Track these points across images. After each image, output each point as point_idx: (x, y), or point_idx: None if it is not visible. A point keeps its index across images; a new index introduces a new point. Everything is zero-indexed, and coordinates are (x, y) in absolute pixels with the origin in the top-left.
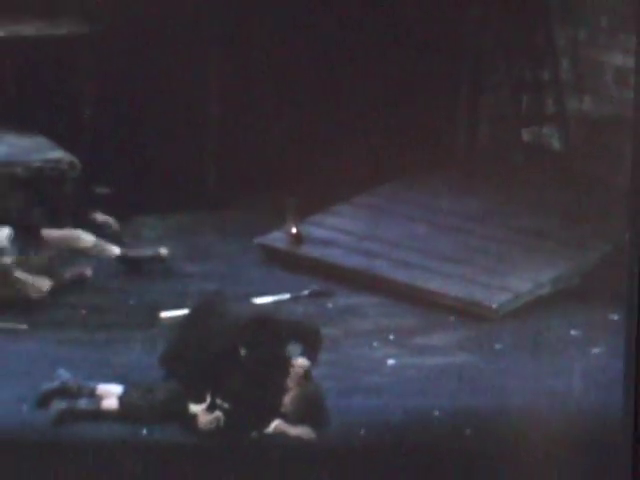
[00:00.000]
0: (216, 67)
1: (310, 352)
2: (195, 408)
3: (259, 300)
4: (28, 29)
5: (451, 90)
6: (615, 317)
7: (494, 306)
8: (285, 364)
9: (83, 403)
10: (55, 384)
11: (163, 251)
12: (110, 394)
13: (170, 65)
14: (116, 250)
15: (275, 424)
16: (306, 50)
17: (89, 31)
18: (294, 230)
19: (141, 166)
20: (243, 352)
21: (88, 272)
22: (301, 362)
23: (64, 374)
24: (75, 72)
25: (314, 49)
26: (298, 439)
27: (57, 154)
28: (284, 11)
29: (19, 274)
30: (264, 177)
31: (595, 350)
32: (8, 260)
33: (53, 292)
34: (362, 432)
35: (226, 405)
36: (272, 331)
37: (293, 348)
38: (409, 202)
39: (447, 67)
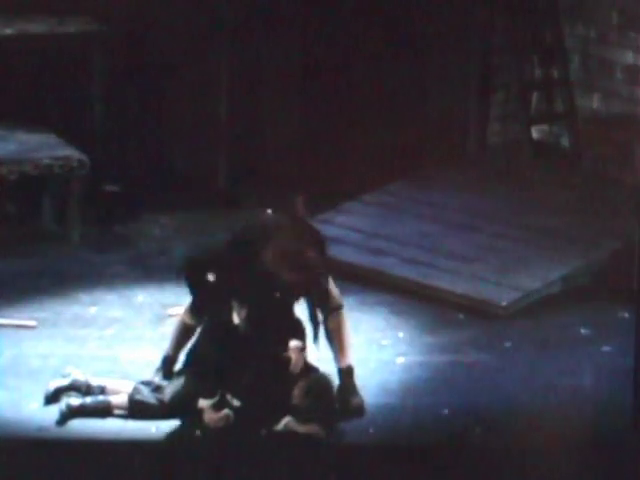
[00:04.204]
0: (228, 67)
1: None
2: (204, 405)
3: None
4: (38, 27)
5: (461, 89)
6: (625, 315)
7: (503, 304)
8: (283, 353)
9: (92, 400)
10: (65, 381)
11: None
12: (120, 391)
13: (181, 64)
14: None
15: (285, 422)
16: (316, 51)
17: (98, 29)
18: None
19: (151, 164)
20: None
21: None
22: (295, 344)
23: (74, 371)
24: (85, 70)
25: (324, 50)
26: (307, 437)
27: (66, 152)
28: (295, 10)
29: None
30: (274, 176)
31: (605, 348)
32: None
33: None
34: (371, 430)
35: (236, 402)
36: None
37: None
38: (419, 200)
39: (457, 66)
